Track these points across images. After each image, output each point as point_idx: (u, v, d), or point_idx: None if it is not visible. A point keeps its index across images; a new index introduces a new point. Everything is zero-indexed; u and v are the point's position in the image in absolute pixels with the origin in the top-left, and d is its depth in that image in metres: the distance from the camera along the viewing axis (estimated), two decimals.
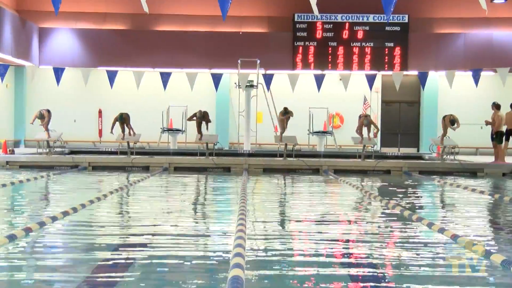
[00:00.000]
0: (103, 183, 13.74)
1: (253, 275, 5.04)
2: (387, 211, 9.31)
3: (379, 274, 5.31)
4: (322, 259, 5.87)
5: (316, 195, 12.12)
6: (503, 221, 9.24)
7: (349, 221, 8.67)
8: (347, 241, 7.07)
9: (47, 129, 18.29)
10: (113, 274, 5.15)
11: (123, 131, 18.64)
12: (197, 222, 8.26)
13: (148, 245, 6.45)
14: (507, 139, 18.13)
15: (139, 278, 5.02)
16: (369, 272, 5.40)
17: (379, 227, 8.06)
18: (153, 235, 7.15)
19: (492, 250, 5.98)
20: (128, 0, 25.05)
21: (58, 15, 23.24)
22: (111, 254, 6.01)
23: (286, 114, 19.28)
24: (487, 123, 18.62)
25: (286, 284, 4.92)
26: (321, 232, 7.49)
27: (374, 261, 5.84)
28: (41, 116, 18.07)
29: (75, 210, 8.36)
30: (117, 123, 18.54)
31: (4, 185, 12.00)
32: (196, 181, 14.46)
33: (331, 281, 5.01)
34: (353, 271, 5.40)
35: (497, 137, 18.06)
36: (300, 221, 8.50)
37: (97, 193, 10.84)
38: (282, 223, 8.23)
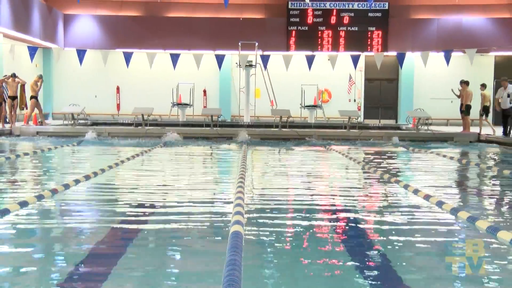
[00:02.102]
0: (121, 151, 13.68)
1: (251, 230, 5.03)
2: (368, 173, 9.30)
3: (360, 224, 5.31)
4: (312, 213, 5.85)
5: (307, 160, 12.08)
6: (469, 182, 9.24)
7: (333, 186, 8.66)
8: (333, 195, 7.06)
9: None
10: (134, 226, 5.16)
11: None
12: (203, 183, 8.22)
13: (161, 203, 6.46)
14: (487, 114, 18.26)
15: (153, 232, 5.01)
16: (350, 218, 5.40)
17: (361, 185, 8.07)
18: (165, 193, 7.14)
19: (459, 208, 5.97)
20: None
21: (80, 3, 23.14)
22: (131, 209, 6.02)
23: None
24: (457, 95, 18.52)
25: (280, 235, 4.90)
26: (310, 190, 7.48)
27: (355, 211, 5.84)
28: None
29: (95, 174, 8.34)
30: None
31: (35, 152, 12.01)
32: (203, 148, 14.42)
33: (321, 233, 5.01)
34: (339, 220, 5.41)
35: (466, 109, 18.00)
36: (292, 181, 8.47)
37: (116, 159, 10.81)
38: (276, 184, 8.20)
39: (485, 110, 18.05)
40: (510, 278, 3.84)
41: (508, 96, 16.58)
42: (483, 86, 18.03)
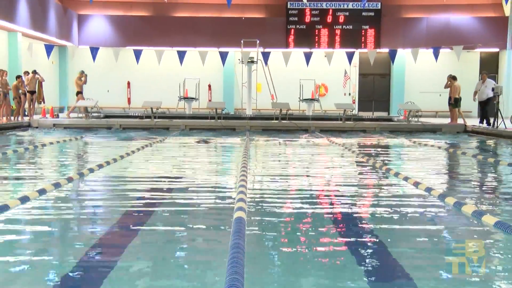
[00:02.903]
0: (132, 142, 13.66)
1: (253, 216, 5.02)
2: (362, 162, 9.29)
3: (358, 210, 5.30)
4: (311, 198, 5.84)
5: (305, 150, 12.06)
6: (456, 170, 9.23)
7: (331, 173, 8.65)
8: (332, 182, 7.04)
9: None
10: (143, 211, 5.15)
11: None
12: (208, 171, 8.20)
13: (168, 188, 6.44)
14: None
15: (160, 219, 5.00)
16: (349, 205, 5.40)
17: (356, 173, 8.06)
18: (172, 180, 7.13)
19: (446, 194, 5.96)
20: None
21: (92, 3, 23.07)
22: (140, 195, 5.99)
23: None
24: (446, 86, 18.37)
25: (280, 221, 4.90)
26: (308, 177, 7.47)
27: (354, 198, 5.83)
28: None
29: (108, 163, 8.33)
30: None
31: (51, 143, 12.01)
32: (207, 138, 14.40)
33: (318, 218, 5.01)
34: (335, 206, 5.40)
35: (454, 102, 17.96)
36: (291, 169, 8.45)
37: (127, 149, 10.79)
38: (277, 172, 8.18)
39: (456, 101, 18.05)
40: (494, 258, 3.85)
41: (492, 89, 16.56)
42: (454, 79, 18.03)
